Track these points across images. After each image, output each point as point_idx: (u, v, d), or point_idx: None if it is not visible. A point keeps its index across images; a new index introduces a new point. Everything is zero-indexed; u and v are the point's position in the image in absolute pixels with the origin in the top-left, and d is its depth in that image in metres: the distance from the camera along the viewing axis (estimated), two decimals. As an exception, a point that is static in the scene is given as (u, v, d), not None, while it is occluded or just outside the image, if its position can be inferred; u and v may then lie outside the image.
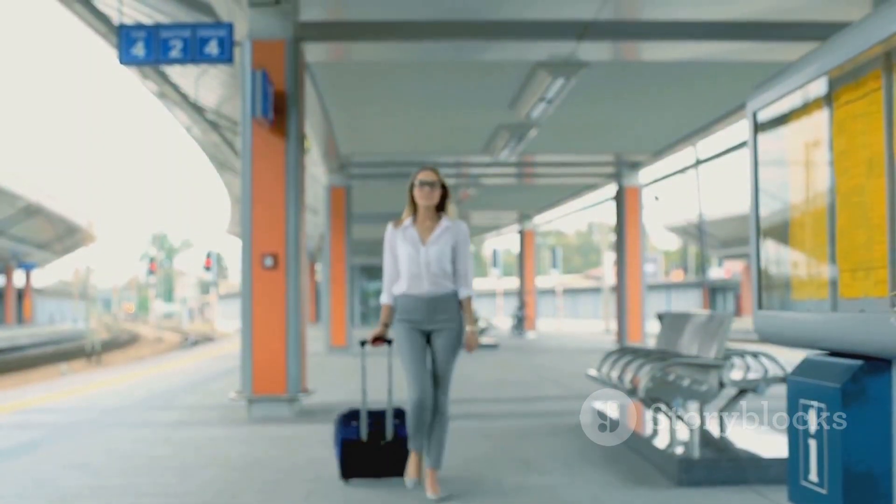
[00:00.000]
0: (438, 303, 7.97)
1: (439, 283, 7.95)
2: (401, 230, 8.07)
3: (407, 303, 8.01)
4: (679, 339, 10.64)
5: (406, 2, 14.55)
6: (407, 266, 7.98)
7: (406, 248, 7.98)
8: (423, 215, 8.08)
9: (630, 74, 18.81)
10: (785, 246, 5.60)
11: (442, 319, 7.98)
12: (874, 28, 4.51)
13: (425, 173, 8.03)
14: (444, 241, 7.99)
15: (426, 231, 8.04)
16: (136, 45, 13.21)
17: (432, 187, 8.00)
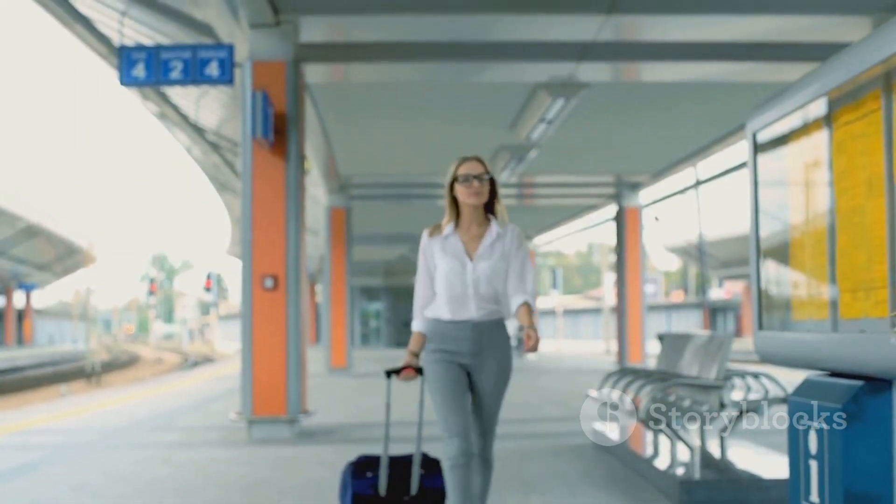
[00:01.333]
0: (487, 332, 6.34)
1: (488, 307, 6.33)
2: (439, 239, 6.40)
3: (446, 330, 6.33)
4: (679, 359, 10.63)
5: (406, 23, 14.58)
6: (448, 285, 6.33)
7: (447, 262, 6.33)
8: (469, 220, 6.39)
9: (630, 95, 18.84)
10: (785, 266, 5.60)
11: (489, 352, 6.35)
12: (873, 49, 4.52)
13: (470, 164, 6.36)
14: (496, 255, 6.34)
15: (473, 240, 6.38)
16: (137, 66, 13.23)
17: (481, 181, 6.30)
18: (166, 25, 17.02)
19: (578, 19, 13.96)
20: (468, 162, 6.37)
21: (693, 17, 14.09)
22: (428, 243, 6.43)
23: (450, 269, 6.32)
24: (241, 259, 13.74)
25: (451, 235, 6.38)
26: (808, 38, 14.82)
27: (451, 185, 6.39)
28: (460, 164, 6.38)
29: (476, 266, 6.30)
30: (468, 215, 6.38)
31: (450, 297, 6.32)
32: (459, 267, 6.30)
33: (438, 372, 6.30)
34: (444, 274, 6.34)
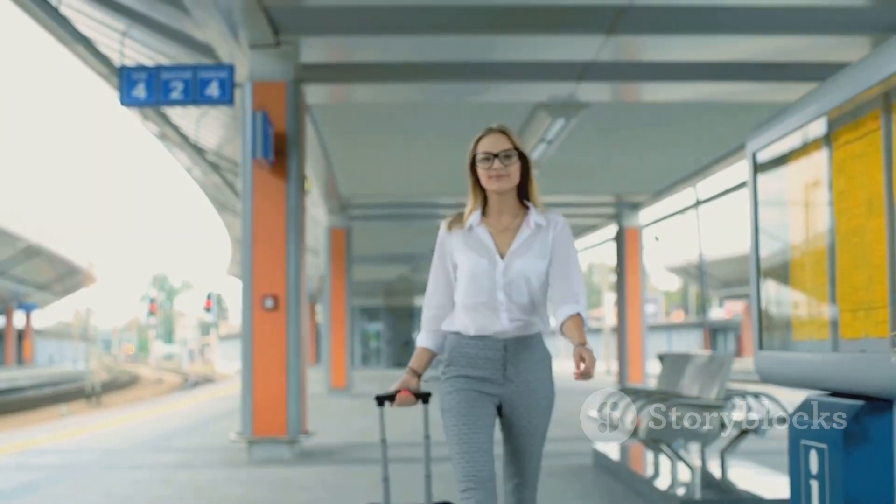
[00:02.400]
0: (522, 351, 4.94)
1: (524, 318, 4.93)
2: (461, 233, 5.04)
3: (469, 349, 4.95)
4: (680, 379, 10.62)
5: (406, 44, 14.60)
6: (472, 290, 4.95)
7: (472, 259, 4.97)
8: (498, 207, 5.02)
9: (630, 115, 18.86)
10: (785, 286, 5.60)
11: (526, 378, 4.93)
12: (872, 69, 4.53)
13: (491, 138, 4.98)
14: (535, 251, 4.95)
15: (505, 233, 5.00)
16: (138, 86, 13.25)
17: (506, 160, 4.91)
18: (167, 46, 17.04)
19: (578, 39, 13.99)
20: (490, 135, 4.99)
21: (692, 37, 14.11)
22: (447, 237, 5.08)
23: (475, 269, 4.96)
24: (242, 279, 13.74)
25: (478, 227, 5.01)
26: (808, 59, 14.84)
27: (472, 165, 5.04)
28: (480, 137, 5.03)
29: (509, 265, 4.93)
30: (496, 203, 5.02)
31: (474, 306, 4.94)
32: (487, 266, 4.94)
33: (458, 403, 4.89)
34: (467, 275, 4.97)
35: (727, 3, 12.91)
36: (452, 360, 4.99)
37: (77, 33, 15.01)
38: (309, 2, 13.46)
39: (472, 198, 5.06)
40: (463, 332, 4.99)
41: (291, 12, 13.37)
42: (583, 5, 12.76)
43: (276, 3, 12.82)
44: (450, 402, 4.92)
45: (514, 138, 4.99)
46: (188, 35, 15.37)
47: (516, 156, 4.97)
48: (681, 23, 13.50)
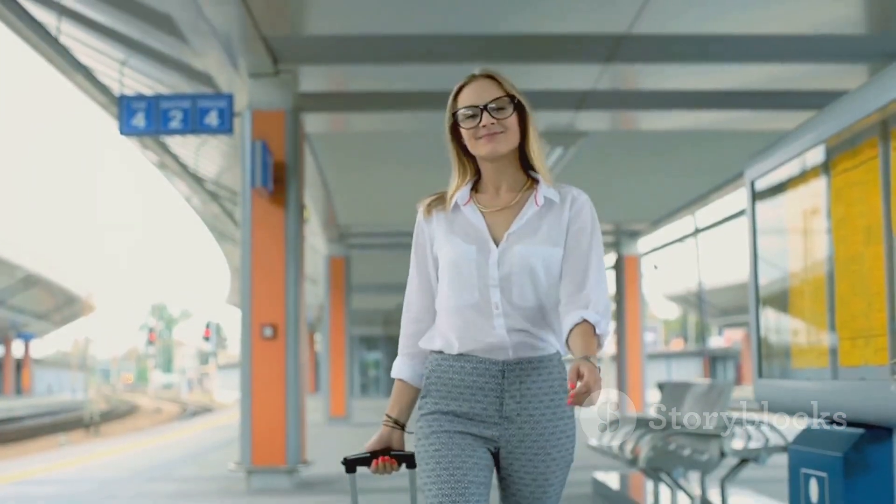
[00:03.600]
0: (528, 376, 3.56)
1: (530, 328, 3.56)
2: (444, 217, 3.72)
3: (451, 373, 3.59)
4: (679, 408, 10.60)
5: (405, 73, 14.62)
6: (456, 286, 3.60)
7: (457, 246, 3.61)
8: (494, 179, 3.69)
9: (629, 144, 18.88)
10: (784, 314, 5.60)
11: (532, 414, 3.56)
12: (870, 97, 4.54)
13: (474, 87, 3.68)
14: (544, 235, 3.59)
15: (502, 213, 3.65)
16: (137, 115, 13.27)
17: (498, 113, 3.61)
18: (166, 75, 17.08)
19: (577, 68, 14.01)
20: (473, 83, 3.69)
21: (691, 65, 14.14)
22: (425, 225, 3.78)
23: (459, 260, 3.59)
24: (241, 308, 13.73)
25: (466, 205, 3.69)
26: (806, 87, 14.87)
27: (453, 129, 3.74)
28: (461, 88, 3.73)
29: (506, 252, 3.56)
30: (492, 174, 3.69)
31: (459, 310, 3.58)
32: (476, 255, 3.58)
33: (437, 452, 3.55)
34: (449, 268, 3.62)
35: (725, 31, 12.95)
36: (430, 389, 3.63)
37: (76, 62, 15.05)
38: (308, 31, 13.50)
39: (458, 172, 3.77)
40: (445, 349, 3.62)
41: (290, 41, 13.40)
42: (581, 34, 12.80)
43: (275, 32, 12.85)
44: (426, 450, 3.57)
45: (505, 83, 3.69)
46: (187, 64, 15.40)
47: (511, 106, 3.64)
48: (679, 51, 13.53)
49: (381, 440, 3.78)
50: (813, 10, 12.32)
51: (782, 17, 12.48)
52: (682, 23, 12.53)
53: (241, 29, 12.29)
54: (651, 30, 12.56)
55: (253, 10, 11.74)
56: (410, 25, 12.89)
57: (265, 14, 12.10)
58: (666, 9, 11.69)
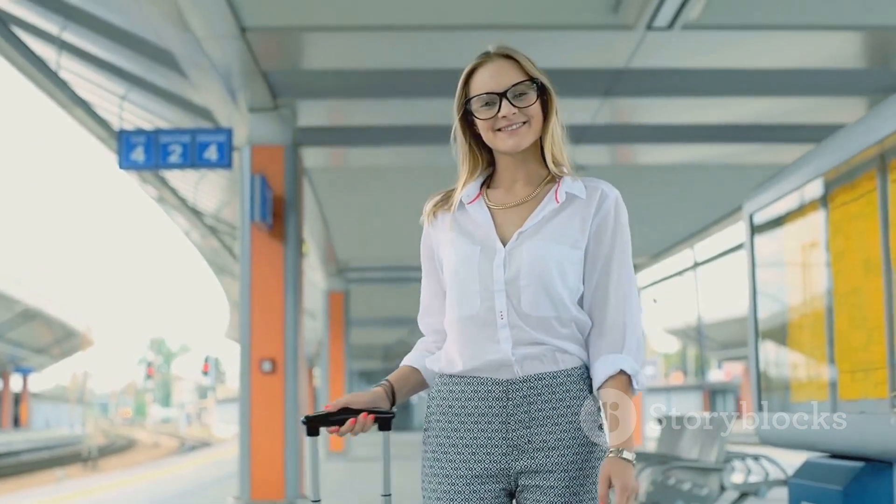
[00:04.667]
0: (540, 397, 3.07)
1: (543, 338, 3.07)
2: (447, 217, 3.31)
3: (453, 397, 3.17)
4: (679, 441, 10.58)
5: (404, 107, 14.65)
6: (457, 294, 3.16)
7: (460, 247, 3.19)
8: (511, 173, 3.26)
9: (627, 178, 18.90)
10: (784, 347, 5.60)
11: (548, 441, 3.06)
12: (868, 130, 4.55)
13: (490, 69, 3.20)
14: (561, 233, 3.14)
15: (515, 210, 3.21)
16: (136, 150, 13.28)
17: (519, 100, 3.15)
18: (165, 109, 17.11)
19: (575, 103, 14.04)
20: (489, 64, 3.21)
21: (689, 99, 14.17)
22: (430, 228, 3.36)
23: (459, 263, 3.16)
24: (240, 343, 13.71)
25: (472, 203, 3.26)
26: (804, 120, 14.90)
27: (465, 117, 3.32)
28: (473, 69, 3.25)
29: (514, 252, 3.10)
30: (510, 168, 3.25)
31: (461, 321, 3.14)
32: (479, 256, 3.13)
33: (439, 500, 3.15)
34: (451, 273, 3.19)
35: (723, 65, 12.98)
36: (431, 420, 3.22)
37: (76, 97, 15.08)
38: (307, 65, 13.53)
39: (469, 166, 3.34)
40: (446, 369, 3.19)
41: (290, 76, 13.43)
42: (579, 69, 12.82)
43: (275, 66, 12.88)
44: (429, 495, 3.20)
45: (525, 63, 3.20)
46: (187, 99, 15.44)
47: (535, 90, 3.16)
48: (677, 85, 13.56)
49: (356, 396, 3.22)
50: (811, 44, 12.36)
51: (780, 51, 12.52)
52: (680, 57, 12.56)
53: (241, 64, 12.32)
54: (649, 64, 12.59)
55: (252, 46, 11.78)
56: (409, 60, 12.92)
57: (265, 49, 12.13)
58: (664, 43, 11.72)
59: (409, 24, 11.74)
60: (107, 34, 13.53)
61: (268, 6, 11.31)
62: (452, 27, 11.73)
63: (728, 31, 11.67)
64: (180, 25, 11.07)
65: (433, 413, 3.20)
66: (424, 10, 11.52)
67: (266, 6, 11.29)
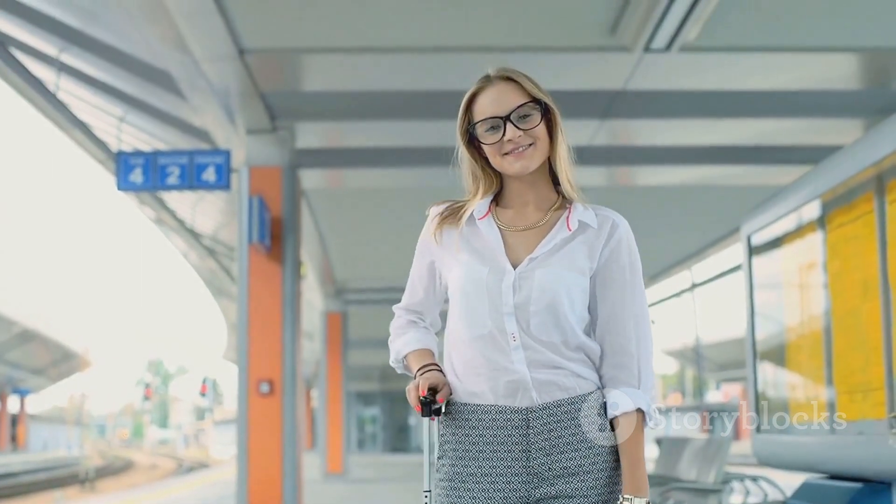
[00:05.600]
0: (560, 423, 3.04)
1: (557, 361, 3.05)
2: (454, 233, 3.24)
3: (467, 425, 3.11)
4: (678, 463, 10.57)
5: (402, 129, 14.67)
6: (466, 317, 3.11)
7: (469, 267, 3.14)
8: (520, 196, 3.22)
9: (625, 199, 18.91)
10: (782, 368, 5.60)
11: (570, 467, 3.03)
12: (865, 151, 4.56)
13: (493, 93, 3.15)
14: (571, 261, 3.11)
15: (526, 234, 3.17)
16: (134, 171, 13.29)
17: (524, 121, 3.13)
18: (164, 131, 17.13)
19: (573, 124, 14.00)
20: (491, 87, 3.16)
21: (686, 121, 14.19)
22: (430, 243, 3.32)
23: (468, 283, 3.10)
24: (237, 364, 13.71)
25: (482, 219, 3.19)
26: (801, 142, 14.93)
27: (468, 139, 3.25)
28: (475, 94, 3.20)
29: (524, 277, 3.07)
30: (518, 190, 3.21)
31: (471, 342, 3.09)
32: (489, 277, 3.08)
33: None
34: (459, 293, 3.14)
35: (720, 87, 13.01)
36: (446, 448, 3.13)
37: (75, 118, 15.09)
38: (305, 87, 13.55)
39: (483, 185, 3.25)
40: (458, 394, 3.12)
41: (287, 98, 13.45)
42: (577, 91, 12.85)
43: (273, 88, 12.91)
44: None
45: (527, 84, 3.14)
46: (185, 120, 15.46)
47: (539, 110, 3.14)
48: (674, 107, 13.59)
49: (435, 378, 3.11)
50: (807, 66, 12.39)
51: (777, 73, 12.55)
52: (678, 79, 12.60)
53: (239, 86, 12.35)
54: (647, 86, 12.62)
55: (251, 68, 11.81)
56: (407, 82, 12.95)
57: (263, 71, 12.16)
58: (661, 65, 11.75)
59: (407, 46, 11.77)
60: (105, 56, 13.56)
61: (266, 28, 11.34)
62: (450, 49, 11.76)
63: (725, 52, 11.71)
64: (179, 47, 11.09)
65: (448, 441, 3.13)
66: (422, 32, 11.55)
67: (264, 28, 11.32)
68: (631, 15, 10.48)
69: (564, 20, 11.21)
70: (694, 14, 9.95)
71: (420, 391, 3.04)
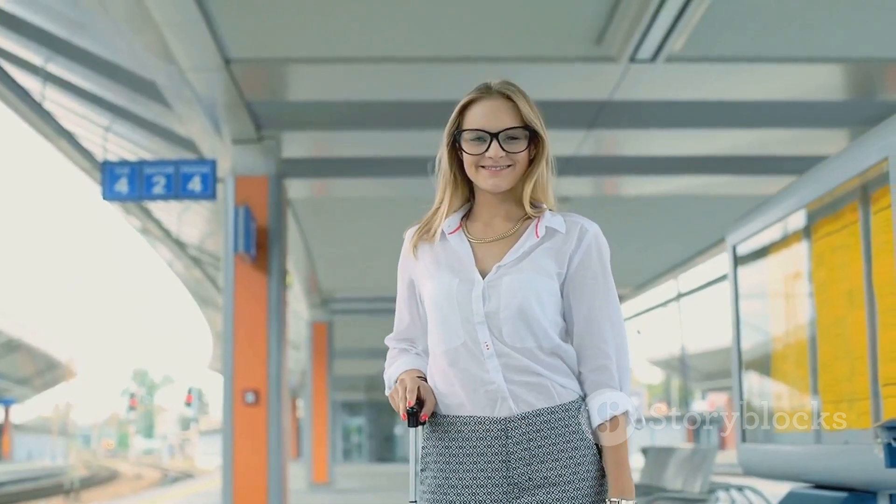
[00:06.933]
0: (540, 433, 3.03)
1: (535, 368, 3.04)
2: (429, 248, 3.26)
3: (447, 437, 3.12)
4: (663, 473, 10.58)
5: (388, 139, 14.67)
6: (441, 329, 3.13)
7: (440, 280, 3.16)
8: (490, 209, 3.25)
9: (611, 209, 18.94)
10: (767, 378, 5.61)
11: (551, 478, 3.01)
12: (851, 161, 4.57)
13: (487, 106, 3.18)
14: (541, 266, 3.11)
15: (494, 245, 3.19)
16: (120, 181, 13.27)
17: (510, 144, 3.18)
18: (150, 140, 17.11)
19: (559, 134, 14.07)
20: (487, 100, 3.19)
21: (672, 131, 14.23)
22: (409, 259, 3.33)
23: (440, 295, 3.13)
24: (223, 374, 13.68)
25: (453, 234, 3.23)
26: (786, 152, 14.97)
27: (453, 144, 3.28)
28: (470, 101, 3.22)
29: (493, 285, 3.09)
30: (489, 204, 3.25)
31: (446, 354, 3.10)
32: (458, 289, 3.11)
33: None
34: (432, 305, 3.16)
35: (705, 97, 13.04)
36: (428, 460, 3.15)
37: (60, 128, 15.07)
38: (291, 97, 13.56)
39: (450, 195, 3.30)
40: (444, 409, 3.12)
41: (273, 108, 13.46)
42: (563, 101, 12.86)
43: (259, 98, 12.91)
44: None
45: (523, 108, 3.18)
46: (171, 130, 15.45)
47: (526, 137, 3.21)
48: (660, 117, 13.62)
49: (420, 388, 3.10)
50: (793, 76, 12.42)
51: (762, 83, 12.58)
52: (664, 89, 12.62)
53: (225, 96, 12.34)
54: (632, 96, 12.65)
55: (237, 77, 11.80)
56: (393, 92, 12.96)
57: (248, 81, 12.16)
58: (647, 75, 11.78)
59: (393, 56, 11.78)
60: (91, 66, 13.55)
61: (252, 38, 11.35)
62: (437, 60, 11.78)
63: (711, 63, 11.73)
64: (165, 57, 11.09)
65: (430, 453, 3.14)
66: (408, 42, 11.56)
67: (250, 38, 11.32)
68: (617, 25, 10.50)
69: (551, 31, 11.23)
70: (679, 25, 9.98)
71: (408, 402, 3.03)
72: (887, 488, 4.39)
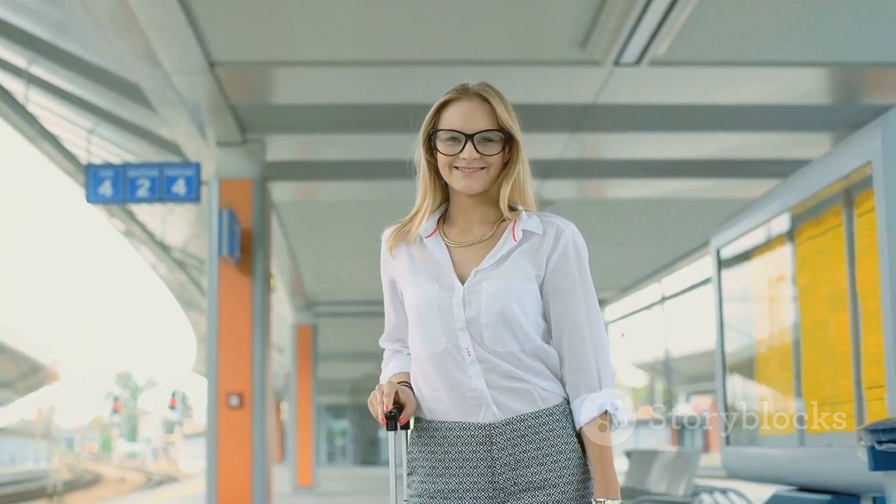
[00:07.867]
0: (525, 438, 3.03)
1: (517, 373, 3.05)
2: (406, 251, 3.27)
3: (433, 442, 3.12)
4: (647, 476, 10.60)
5: (372, 142, 14.67)
6: (422, 335, 3.13)
7: (420, 286, 3.16)
8: (466, 212, 3.21)
9: (595, 212, 18.97)
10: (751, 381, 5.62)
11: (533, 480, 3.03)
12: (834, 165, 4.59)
13: (463, 107, 3.13)
14: (519, 270, 3.09)
15: (472, 248, 3.17)
16: (104, 184, 13.24)
17: (484, 145, 3.10)
18: (134, 143, 17.08)
19: (544, 138, 14.09)
20: (463, 101, 3.15)
21: (656, 134, 14.25)
22: (388, 262, 3.36)
23: (420, 301, 3.13)
24: (207, 377, 13.66)
25: (429, 238, 3.21)
26: (770, 156, 15.00)
27: (429, 143, 3.24)
28: (447, 102, 3.19)
29: (473, 290, 3.08)
30: (464, 206, 3.21)
31: (429, 360, 3.11)
32: (439, 294, 3.11)
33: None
34: (413, 311, 3.17)
35: (690, 101, 13.07)
36: (415, 465, 3.16)
37: (44, 130, 15.04)
38: (275, 100, 13.55)
39: (427, 196, 3.24)
40: (428, 415, 3.14)
41: (258, 110, 13.45)
42: (548, 104, 12.88)
43: (243, 101, 12.90)
44: None
45: (499, 111, 3.12)
46: (155, 133, 15.42)
47: (501, 140, 3.13)
48: (645, 121, 13.64)
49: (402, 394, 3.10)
50: (777, 80, 12.46)
51: (746, 87, 12.62)
52: (648, 93, 12.65)
53: (209, 98, 12.33)
54: (617, 99, 12.66)
55: (221, 80, 11.79)
56: (378, 95, 12.96)
57: (233, 84, 12.15)
58: (631, 79, 11.80)
59: (378, 59, 11.79)
60: (75, 68, 13.52)
61: (236, 41, 11.34)
62: (421, 63, 11.78)
63: (695, 66, 11.76)
64: (149, 60, 11.07)
65: (416, 458, 3.15)
66: (393, 45, 11.57)
67: (235, 41, 11.32)
68: (601, 29, 10.51)
69: (534, 34, 11.25)
70: (664, 28, 10.00)
71: (385, 406, 3.01)
72: (870, 491, 4.41)
